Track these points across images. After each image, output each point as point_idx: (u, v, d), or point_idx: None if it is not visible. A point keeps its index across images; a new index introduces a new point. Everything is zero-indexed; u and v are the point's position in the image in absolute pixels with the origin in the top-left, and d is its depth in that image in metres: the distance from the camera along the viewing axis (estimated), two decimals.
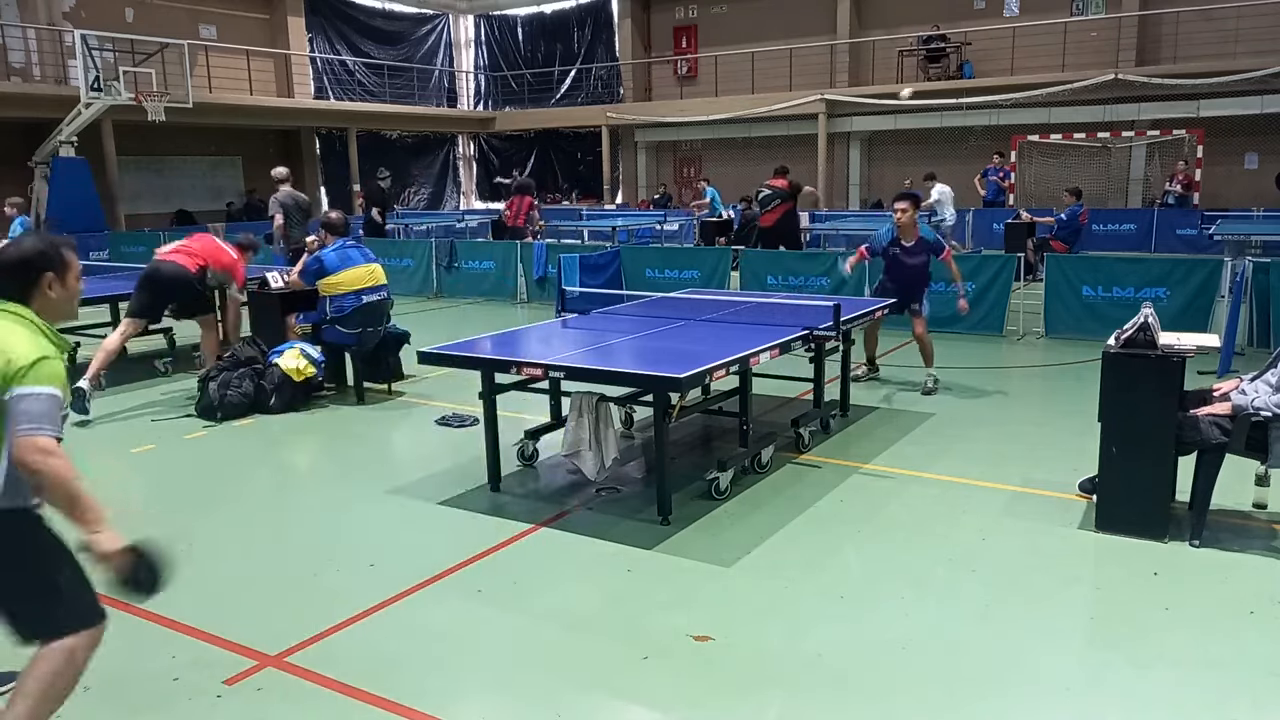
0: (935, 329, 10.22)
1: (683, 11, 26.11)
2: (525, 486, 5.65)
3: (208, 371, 7.42)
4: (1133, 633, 3.75)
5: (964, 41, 21.48)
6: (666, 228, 19.16)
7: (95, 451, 6.56)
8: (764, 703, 3.32)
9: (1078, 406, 6.74)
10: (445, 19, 28.90)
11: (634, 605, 4.06)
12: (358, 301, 7.48)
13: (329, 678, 3.49)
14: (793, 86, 22.86)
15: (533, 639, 3.80)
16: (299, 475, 6.33)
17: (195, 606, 4.05)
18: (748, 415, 5.60)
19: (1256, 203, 17.71)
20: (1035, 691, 3.35)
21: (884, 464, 5.88)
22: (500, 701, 3.41)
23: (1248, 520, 4.83)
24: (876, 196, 23.10)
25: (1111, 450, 4.59)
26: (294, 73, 24.08)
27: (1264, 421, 4.32)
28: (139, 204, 21.33)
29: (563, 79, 28.14)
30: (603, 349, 5.51)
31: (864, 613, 3.95)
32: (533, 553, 4.63)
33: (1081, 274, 9.81)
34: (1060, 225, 14.12)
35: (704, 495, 5.24)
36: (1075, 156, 20.13)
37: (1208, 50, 18.84)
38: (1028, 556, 4.47)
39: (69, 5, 19.78)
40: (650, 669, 3.54)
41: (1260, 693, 3.29)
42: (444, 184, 29.70)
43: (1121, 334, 4.64)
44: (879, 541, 4.70)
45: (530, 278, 13.35)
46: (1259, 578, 4.18)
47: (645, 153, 26.82)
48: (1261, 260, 9.12)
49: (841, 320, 5.91)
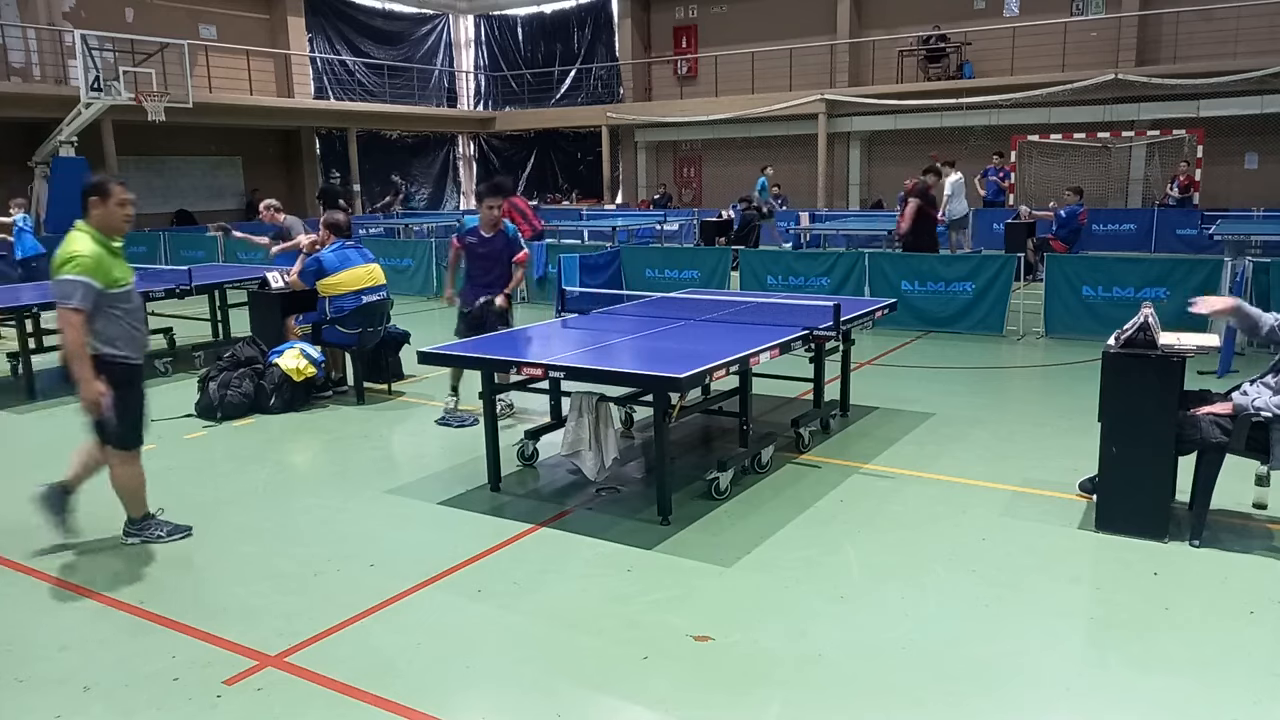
0: (935, 328, 10.26)
1: (683, 11, 26.11)
2: (525, 486, 5.65)
3: (207, 371, 7.42)
4: (1133, 633, 3.75)
5: (964, 41, 21.49)
6: (666, 228, 19.17)
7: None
8: (764, 703, 3.32)
9: (1078, 406, 6.74)
10: (445, 19, 28.90)
11: (634, 605, 4.05)
12: (357, 302, 7.49)
13: (329, 678, 3.49)
14: (793, 86, 22.87)
15: (533, 639, 3.80)
16: (299, 475, 6.33)
17: (195, 606, 4.06)
18: (748, 415, 5.60)
19: (1256, 203, 17.71)
20: (1035, 691, 3.35)
21: (884, 464, 5.88)
22: (500, 701, 3.41)
23: (1248, 520, 4.83)
24: (877, 196, 23.11)
25: (1111, 450, 4.59)
26: (294, 73, 24.08)
27: (1265, 422, 4.32)
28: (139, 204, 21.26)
29: (563, 79, 28.14)
30: (603, 349, 5.51)
31: (864, 613, 3.95)
32: (533, 553, 4.63)
33: (1081, 274, 9.81)
34: (1060, 224, 14.12)
35: (704, 495, 5.24)
36: (1075, 156, 20.13)
37: (1208, 50, 18.84)
38: (1028, 556, 4.47)
39: (69, 5, 19.79)
40: (650, 669, 3.54)
41: (1260, 693, 3.29)
42: (444, 184, 29.70)
43: (1121, 334, 4.64)
44: (879, 541, 4.70)
45: (530, 278, 13.34)
46: (1259, 578, 4.17)
47: (645, 153, 26.82)
48: (1261, 260, 9.11)
49: (841, 320, 5.91)
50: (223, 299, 9.99)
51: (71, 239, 4.29)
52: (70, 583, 4.36)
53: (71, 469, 4.66)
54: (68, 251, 4.22)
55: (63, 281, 4.19)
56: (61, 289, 4.19)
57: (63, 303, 4.18)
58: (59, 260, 4.22)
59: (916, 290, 10.41)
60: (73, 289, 4.18)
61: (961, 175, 15.21)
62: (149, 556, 4.67)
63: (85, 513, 4.80)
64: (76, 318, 4.18)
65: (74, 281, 4.18)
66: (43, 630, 3.94)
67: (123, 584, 4.33)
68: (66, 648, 3.77)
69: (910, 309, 10.24)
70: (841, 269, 10.87)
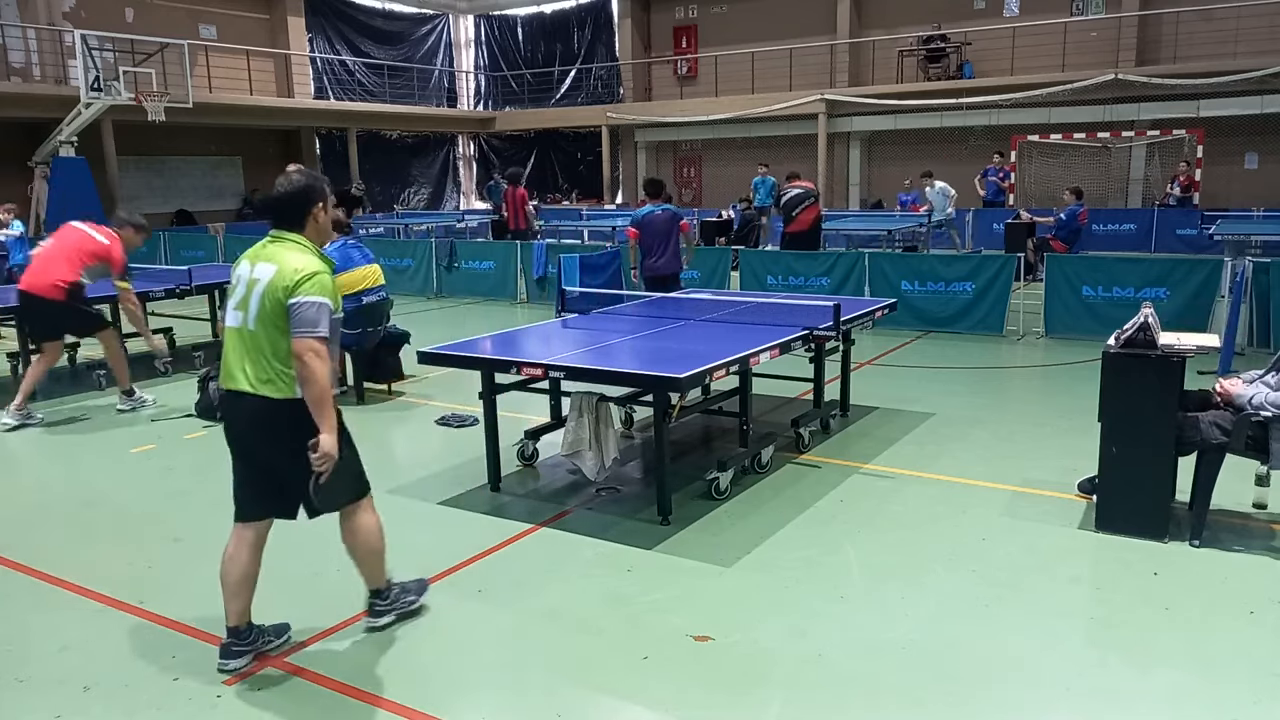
0: (935, 328, 10.27)
1: (683, 11, 26.10)
2: (525, 486, 5.65)
3: (207, 371, 7.41)
4: (1133, 633, 3.75)
5: (964, 41, 21.48)
6: None
7: (95, 451, 6.57)
8: (764, 703, 3.32)
9: (1078, 406, 6.74)
10: (445, 19, 28.89)
11: (634, 605, 4.05)
12: (358, 303, 7.48)
13: (329, 678, 3.49)
14: (793, 86, 22.86)
15: (533, 639, 3.80)
16: None
17: (195, 606, 4.05)
18: (748, 415, 5.60)
19: (1256, 203, 17.71)
20: (1035, 691, 3.35)
21: (884, 464, 5.88)
22: (500, 701, 3.40)
23: (1248, 520, 4.83)
24: (877, 196, 23.11)
25: (1111, 450, 4.59)
26: (294, 73, 24.08)
27: (1265, 421, 4.32)
28: (139, 204, 21.23)
29: (563, 79, 28.13)
30: (603, 349, 5.51)
31: (864, 613, 3.95)
32: (533, 553, 4.63)
33: (1081, 274, 9.81)
34: (1060, 225, 14.13)
35: (704, 495, 5.24)
36: (1075, 156, 20.12)
37: (1208, 50, 18.84)
38: (1028, 556, 4.47)
39: (69, 5, 19.78)
40: (650, 669, 3.54)
41: (1260, 693, 3.29)
42: (444, 184, 29.70)
43: (1121, 334, 4.64)
44: (879, 541, 4.70)
45: (530, 278, 13.35)
46: (1259, 578, 4.18)
47: (645, 153, 26.80)
48: (1261, 260, 9.11)
49: (841, 320, 5.91)
50: (223, 299, 9.98)
51: (293, 253, 3.42)
52: (70, 583, 4.36)
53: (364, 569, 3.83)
54: (303, 267, 3.36)
55: (308, 304, 3.32)
56: (306, 313, 3.31)
57: (310, 331, 3.31)
58: (291, 277, 3.34)
59: (916, 290, 10.42)
60: (320, 314, 3.33)
61: (943, 183, 16.44)
62: (149, 556, 4.67)
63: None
64: (325, 349, 3.35)
65: (321, 305, 3.34)
66: (43, 630, 3.94)
67: (123, 584, 4.33)
68: (66, 648, 3.77)
69: (910, 309, 10.24)
70: (841, 269, 10.87)
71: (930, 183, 16.53)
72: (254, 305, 3.40)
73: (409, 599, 3.95)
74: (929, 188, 16.48)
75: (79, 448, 6.68)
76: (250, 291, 3.42)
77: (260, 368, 3.40)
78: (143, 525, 5.13)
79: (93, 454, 6.51)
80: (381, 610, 3.86)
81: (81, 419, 7.34)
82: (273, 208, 3.53)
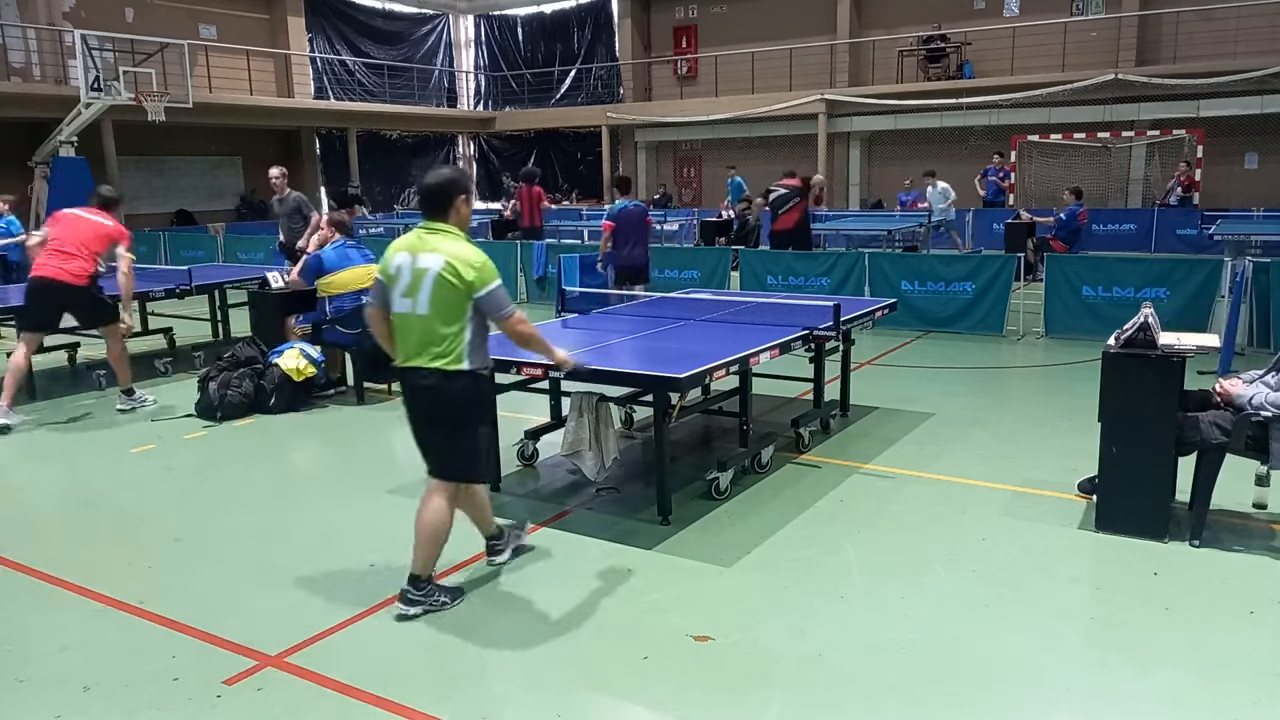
0: (935, 328, 10.27)
1: (683, 11, 26.11)
2: (525, 486, 5.65)
3: (207, 372, 7.42)
4: (1133, 633, 3.75)
5: (964, 41, 21.49)
6: (666, 228, 19.16)
7: (95, 451, 6.57)
8: (764, 703, 3.32)
9: (1078, 406, 6.74)
10: (445, 19, 28.90)
11: (634, 605, 4.05)
12: (357, 302, 7.47)
13: (329, 678, 3.49)
14: (793, 86, 22.87)
15: (533, 639, 3.80)
16: (299, 475, 6.33)
17: (195, 606, 4.05)
18: (748, 415, 5.60)
19: (1256, 203, 17.71)
20: (1035, 691, 3.35)
21: (884, 464, 5.88)
22: (500, 701, 3.40)
23: (1248, 520, 4.83)
24: (877, 196, 23.11)
25: (1111, 450, 4.59)
26: (294, 73, 24.09)
27: (1265, 421, 4.32)
28: (139, 204, 21.32)
29: (563, 79, 28.14)
30: (603, 349, 5.51)
31: (864, 613, 3.95)
32: (533, 553, 4.63)
33: (1081, 274, 9.81)
34: (1060, 225, 14.13)
35: (704, 495, 5.24)
36: (1075, 156, 20.13)
37: (1208, 50, 18.85)
38: (1028, 556, 4.47)
39: (69, 5, 19.79)
40: (650, 669, 3.54)
41: (1260, 692, 3.29)
42: None
43: (1121, 334, 4.64)
44: (879, 541, 4.70)
45: (530, 278, 13.35)
46: (1259, 578, 4.17)
47: (645, 153, 26.82)
48: (1261, 260, 9.11)
49: (841, 320, 5.91)
50: (223, 299, 10.00)
51: (452, 242, 3.80)
52: (70, 583, 4.36)
53: (418, 551, 3.98)
54: (473, 259, 3.75)
55: (492, 292, 3.76)
56: (496, 299, 3.78)
57: (505, 313, 3.81)
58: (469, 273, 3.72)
59: (916, 290, 10.42)
60: (504, 296, 3.83)
61: (944, 184, 16.52)
62: (149, 556, 4.67)
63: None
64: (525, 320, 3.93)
65: (499, 287, 3.80)
66: (43, 630, 3.94)
67: (123, 584, 4.33)
68: (66, 648, 3.77)
69: (910, 309, 10.25)
70: (841, 269, 10.87)
71: (933, 182, 16.53)
72: (424, 293, 3.76)
73: (442, 600, 4.02)
74: (931, 187, 16.49)
75: (79, 447, 6.68)
76: (417, 280, 3.77)
77: (433, 346, 3.78)
78: (143, 525, 5.13)
79: (93, 454, 6.51)
80: (414, 600, 3.95)
81: (81, 419, 7.34)
82: (424, 199, 3.88)
